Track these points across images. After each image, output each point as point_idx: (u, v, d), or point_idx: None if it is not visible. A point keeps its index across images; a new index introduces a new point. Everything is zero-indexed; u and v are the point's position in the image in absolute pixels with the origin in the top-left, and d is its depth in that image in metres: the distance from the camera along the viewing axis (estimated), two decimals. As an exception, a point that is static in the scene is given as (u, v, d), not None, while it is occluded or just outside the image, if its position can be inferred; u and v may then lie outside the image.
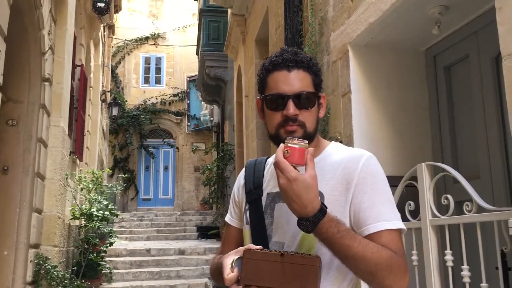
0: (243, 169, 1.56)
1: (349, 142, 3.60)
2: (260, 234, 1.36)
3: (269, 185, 1.44)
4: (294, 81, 1.33)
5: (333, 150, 1.42)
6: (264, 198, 1.42)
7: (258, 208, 1.41)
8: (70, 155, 6.57)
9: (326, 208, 1.19)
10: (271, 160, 1.52)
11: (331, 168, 1.36)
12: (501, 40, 2.20)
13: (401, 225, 1.29)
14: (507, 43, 2.17)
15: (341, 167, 1.34)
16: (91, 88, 9.61)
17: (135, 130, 17.23)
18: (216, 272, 1.36)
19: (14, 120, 4.62)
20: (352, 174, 1.32)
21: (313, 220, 1.16)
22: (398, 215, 1.31)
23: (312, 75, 1.37)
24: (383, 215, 1.27)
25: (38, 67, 4.78)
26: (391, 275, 1.18)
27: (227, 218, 1.58)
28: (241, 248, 1.21)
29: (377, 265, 1.17)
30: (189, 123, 17.76)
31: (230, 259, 1.20)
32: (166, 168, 17.75)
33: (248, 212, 1.43)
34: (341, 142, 3.73)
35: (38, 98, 4.80)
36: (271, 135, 1.38)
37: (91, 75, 9.64)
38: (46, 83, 4.95)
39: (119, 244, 9.55)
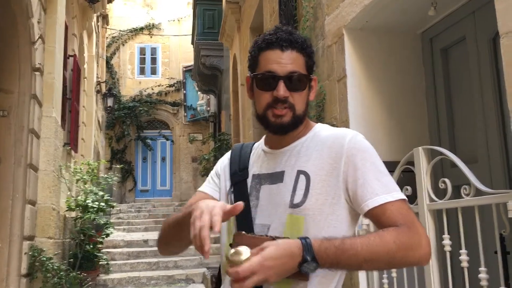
0: (229, 152, 1.52)
1: (345, 127, 3.54)
2: (245, 216, 1.31)
3: (255, 166, 1.41)
4: (287, 61, 1.29)
5: (319, 131, 1.38)
6: (249, 180, 1.39)
7: (243, 190, 1.37)
8: (64, 146, 6.50)
9: (304, 238, 1.12)
10: (257, 144, 1.49)
11: (317, 148, 1.32)
12: (499, 18, 2.14)
13: (400, 195, 1.23)
14: (505, 21, 2.10)
15: (326, 146, 1.31)
16: (85, 79, 9.52)
17: (131, 122, 17.13)
18: (177, 225, 1.33)
19: (5, 111, 4.55)
20: (339, 152, 1.28)
21: (308, 253, 1.09)
22: (396, 186, 1.26)
23: (305, 56, 1.32)
24: (380, 188, 1.23)
25: (28, 56, 4.70)
26: (407, 251, 1.13)
27: (201, 187, 1.51)
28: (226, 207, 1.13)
29: (388, 252, 1.12)
30: (185, 114, 17.67)
31: (204, 217, 1.09)
32: (163, 159, 17.69)
33: (233, 194, 1.39)
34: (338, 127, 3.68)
35: (29, 88, 4.73)
36: (258, 115, 1.34)
37: (85, 66, 9.54)
38: (37, 73, 4.87)
39: (117, 235, 9.52)
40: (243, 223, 1.30)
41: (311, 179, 1.28)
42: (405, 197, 1.24)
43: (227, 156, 1.52)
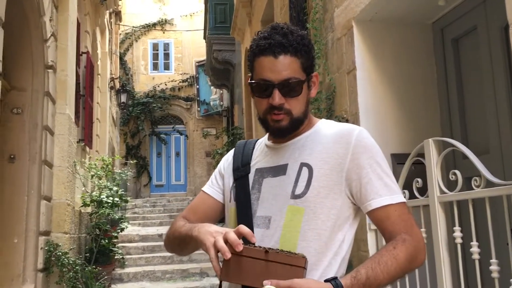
0: (233, 149, 1.53)
1: (355, 121, 3.52)
2: (245, 211, 1.33)
3: (258, 161, 1.42)
4: (281, 68, 1.27)
5: (323, 125, 1.39)
6: (252, 175, 1.39)
7: (245, 185, 1.38)
8: (78, 142, 6.58)
9: (333, 279, 1.13)
10: (261, 140, 1.50)
11: (322, 142, 1.33)
12: (508, 7, 2.11)
13: (401, 198, 1.28)
14: (514, 9, 2.07)
15: (332, 141, 1.31)
16: (98, 76, 9.59)
17: (146, 117, 17.24)
18: (179, 240, 1.34)
19: (19, 109, 4.61)
20: (345, 148, 1.29)
21: None
22: (398, 187, 1.30)
23: (300, 58, 1.29)
24: (383, 189, 1.26)
25: (41, 54, 4.75)
26: (415, 263, 1.22)
27: (205, 187, 1.53)
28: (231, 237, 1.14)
29: (403, 270, 1.20)
30: (199, 108, 17.72)
31: (210, 240, 1.14)
32: (177, 154, 17.78)
33: (234, 189, 1.40)
34: (347, 121, 3.66)
35: (42, 85, 4.78)
36: (260, 118, 1.36)
37: (98, 63, 9.61)
38: (50, 71, 4.92)
39: (132, 230, 9.62)
40: (244, 219, 1.31)
41: (314, 172, 1.28)
42: (405, 200, 1.29)
43: (230, 153, 1.53)
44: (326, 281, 1.12)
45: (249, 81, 1.34)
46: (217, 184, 1.50)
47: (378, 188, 1.25)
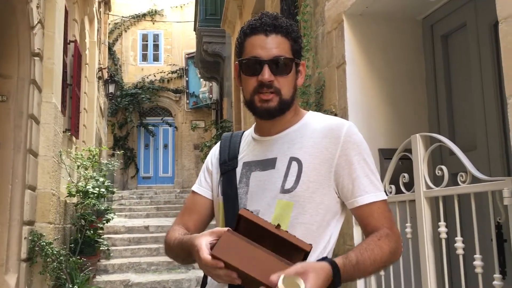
0: (219, 142, 1.52)
1: (343, 115, 3.52)
2: (233, 205, 1.32)
3: (245, 154, 1.41)
4: (271, 45, 1.29)
5: (312, 119, 1.39)
6: (239, 169, 1.38)
7: (232, 179, 1.37)
8: (65, 132, 6.50)
9: (330, 261, 1.14)
10: (247, 133, 1.49)
11: (311, 136, 1.33)
12: (498, 3, 2.11)
13: (384, 195, 1.32)
14: (504, 6, 2.07)
15: (321, 135, 1.31)
16: (86, 65, 9.48)
17: (134, 108, 17.12)
18: (178, 248, 1.31)
19: (4, 96, 4.53)
20: (335, 143, 1.29)
21: (336, 276, 1.12)
22: (381, 185, 1.34)
23: (290, 41, 1.32)
24: (369, 186, 1.29)
25: (27, 41, 4.67)
26: (395, 255, 1.27)
27: (195, 187, 1.51)
28: (217, 230, 1.15)
29: (386, 262, 1.24)
30: (188, 101, 17.63)
31: (203, 240, 1.12)
32: (165, 146, 17.70)
33: (222, 183, 1.39)
34: (335, 115, 3.65)
35: (28, 73, 4.70)
36: (246, 101, 1.34)
37: (87, 52, 9.50)
38: (36, 58, 4.84)
39: (118, 221, 9.56)
40: (232, 212, 1.30)
41: (303, 166, 1.28)
42: (386, 197, 1.33)
43: (217, 147, 1.51)
44: (319, 261, 1.16)
45: (238, 60, 1.33)
46: (206, 182, 1.49)
47: (365, 185, 1.28)
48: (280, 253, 1.08)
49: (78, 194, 6.59)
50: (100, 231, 7.25)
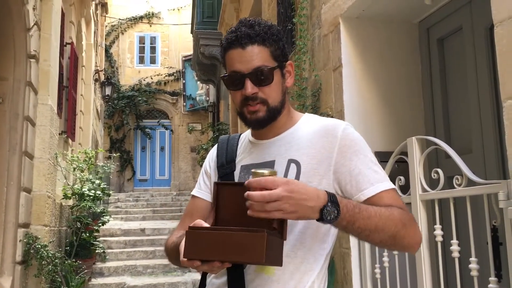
0: (216, 145, 1.52)
1: (340, 118, 3.52)
2: None
3: (243, 157, 1.41)
4: (249, 58, 1.27)
5: (308, 121, 1.39)
6: (237, 172, 1.38)
7: None
8: (61, 134, 6.48)
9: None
10: (244, 135, 1.49)
11: (308, 137, 1.32)
12: (493, 7, 2.12)
13: (392, 184, 1.29)
14: (499, 9, 2.08)
15: (318, 136, 1.31)
16: (83, 68, 9.47)
17: (131, 111, 17.09)
18: (174, 252, 1.30)
19: (-1, 98, 4.52)
20: (332, 142, 1.29)
21: (332, 200, 1.10)
22: (386, 175, 1.31)
23: (269, 47, 1.30)
24: (375, 177, 1.26)
25: (23, 43, 4.66)
26: (407, 231, 1.19)
27: (194, 191, 1.51)
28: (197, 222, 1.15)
29: (396, 226, 1.17)
30: (185, 103, 17.62)
31: (182, 243, 1.13)
32: (162, 148, 17.67)
33: None
34: (332, 117, 3.65)
35: (24, 75, 4.69)
36: (237, 112, 1.35)
37: (83, 54, 9.48)
38: (32, 60, 4.83)
39: (114, 224, 9.53)
40: None
41: (301, 168, 1.28)
42: (394, 186, 1.29)
43: (214, 149, 1.51)
44: None
45: (221, 76, 1.34)
46: (205, 185, 1.49)
47: (369, 177, 1.26)
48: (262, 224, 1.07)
49: (74, 197, 6.56)
50: (96, 234, 7.22)
